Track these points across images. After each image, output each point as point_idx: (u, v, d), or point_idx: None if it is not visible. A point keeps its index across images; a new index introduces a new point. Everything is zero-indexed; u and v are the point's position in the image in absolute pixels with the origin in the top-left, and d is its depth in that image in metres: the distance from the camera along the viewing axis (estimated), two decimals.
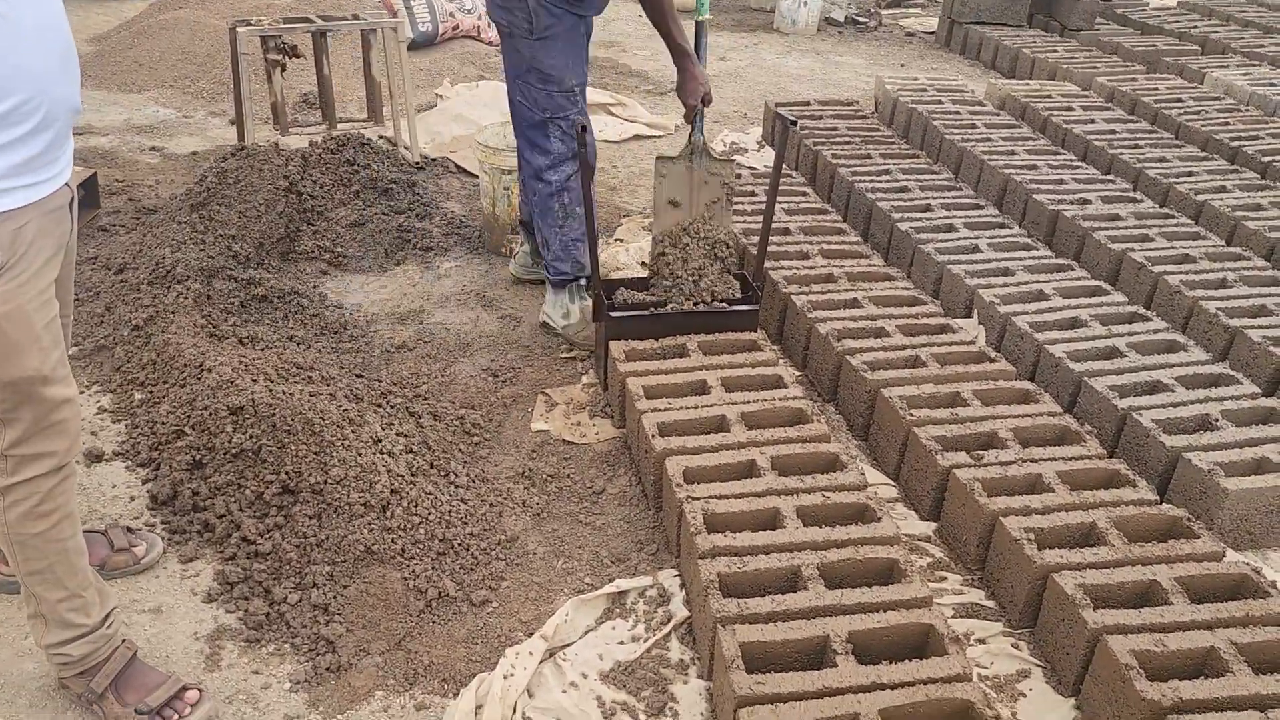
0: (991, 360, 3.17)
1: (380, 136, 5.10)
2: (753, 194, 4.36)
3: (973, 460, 2.70)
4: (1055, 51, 7.03)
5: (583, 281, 3.61)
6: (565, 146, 3.35)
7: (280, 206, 3.94)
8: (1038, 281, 3.70)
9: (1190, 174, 4.74)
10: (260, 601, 2.44)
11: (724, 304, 3.23)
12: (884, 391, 2.97)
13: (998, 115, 5.52)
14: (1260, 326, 3.40)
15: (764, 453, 2.68)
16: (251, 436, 2.74)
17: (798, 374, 3.43)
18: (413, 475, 2.75)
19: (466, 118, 5.30)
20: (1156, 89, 6.07)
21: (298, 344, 3.44)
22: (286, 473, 2.64)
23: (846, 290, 3.57)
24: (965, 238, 4.04)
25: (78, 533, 2.08)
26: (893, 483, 2.92)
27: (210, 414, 2.83)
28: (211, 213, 3.80)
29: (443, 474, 2.84)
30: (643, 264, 4.15)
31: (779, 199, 4.27)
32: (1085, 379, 3.10)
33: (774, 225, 4.04)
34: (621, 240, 4.34)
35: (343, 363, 3.41)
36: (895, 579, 2.32)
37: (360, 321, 3.70)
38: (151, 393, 3.09)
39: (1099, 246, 4.00)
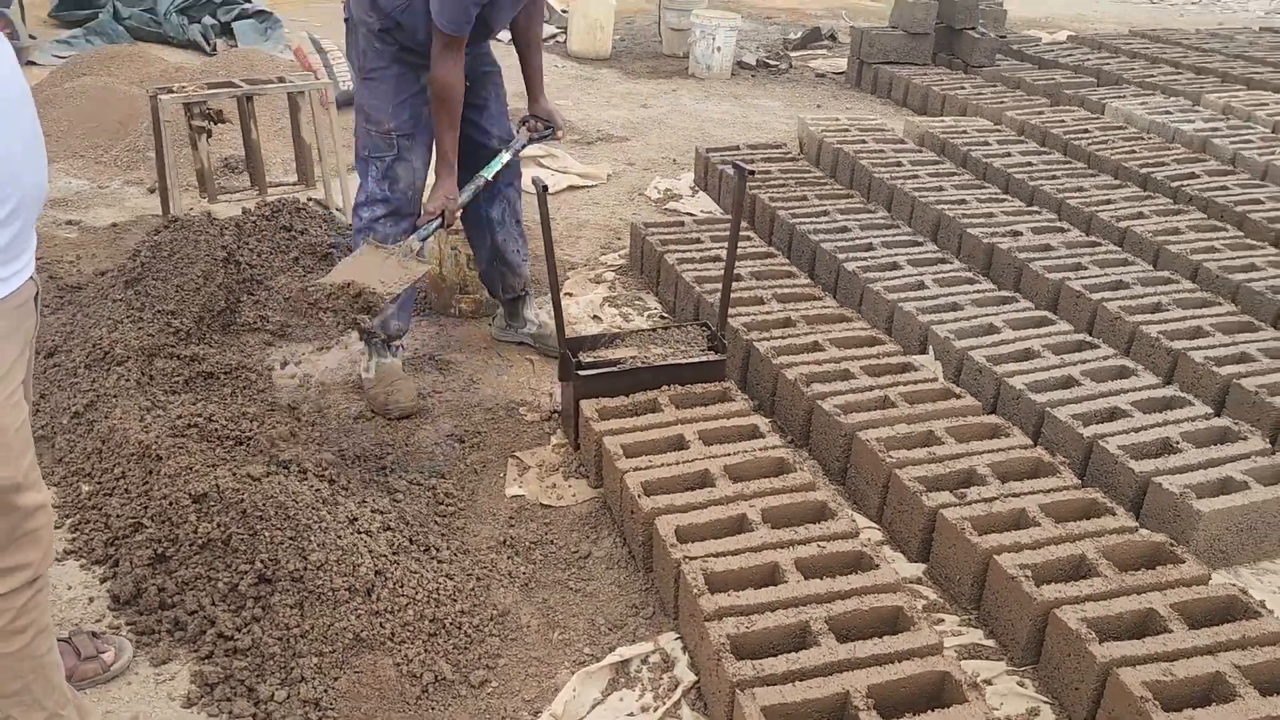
0: (957, 396, 3.22)
1: (310, 199, 4.98)
2: (698, 241, 4.38)
3: (957, 499, 2.72)
4: (963, 88, 7.28)
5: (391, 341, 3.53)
6: (377, 188, 3.36)
7: (219, 278, 3.80)
8: (986, 314, 3.78)
9: (1109, 201, 4.94)
10: (245, 702, 2.30)
11: (695, 356, 3.22)
12: (860, 435, 2.99)
13: (920, 152, 5.68)
14: (1200, 348, 3.53)
15: (753, 506, 2.66)
16: (219, 525, 2.60)
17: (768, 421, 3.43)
18: (394, 554, 2.65)
19: None
20: (1063, 121, 6.33)
21: (249, 421, 3.30)
22: (262, 561, 2.52)
23: (806, 334, 3.60)
24: (910, 274, 4.11)
25: (53, 647, 1.95)
26: (877, 525, 2.93)
27: (170, 503, 2.68)
28: (147, 288, 3.64)
29: (423, 549, 2.74)
30: (595, 318, 4.12)
31: (724, 245, 4.29)
32: (1048, 410, 3.17)
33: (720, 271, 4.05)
34: (570, 294, 4.31)
35: (300, 437, 3.28)
36: (902, 626, 2.31)
37: (312, 394, 3.57)
38: (100, 484, 2.92)
39: (1037, 277, 4.12)
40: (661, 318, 4.18)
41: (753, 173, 3.04)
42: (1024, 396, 3.25)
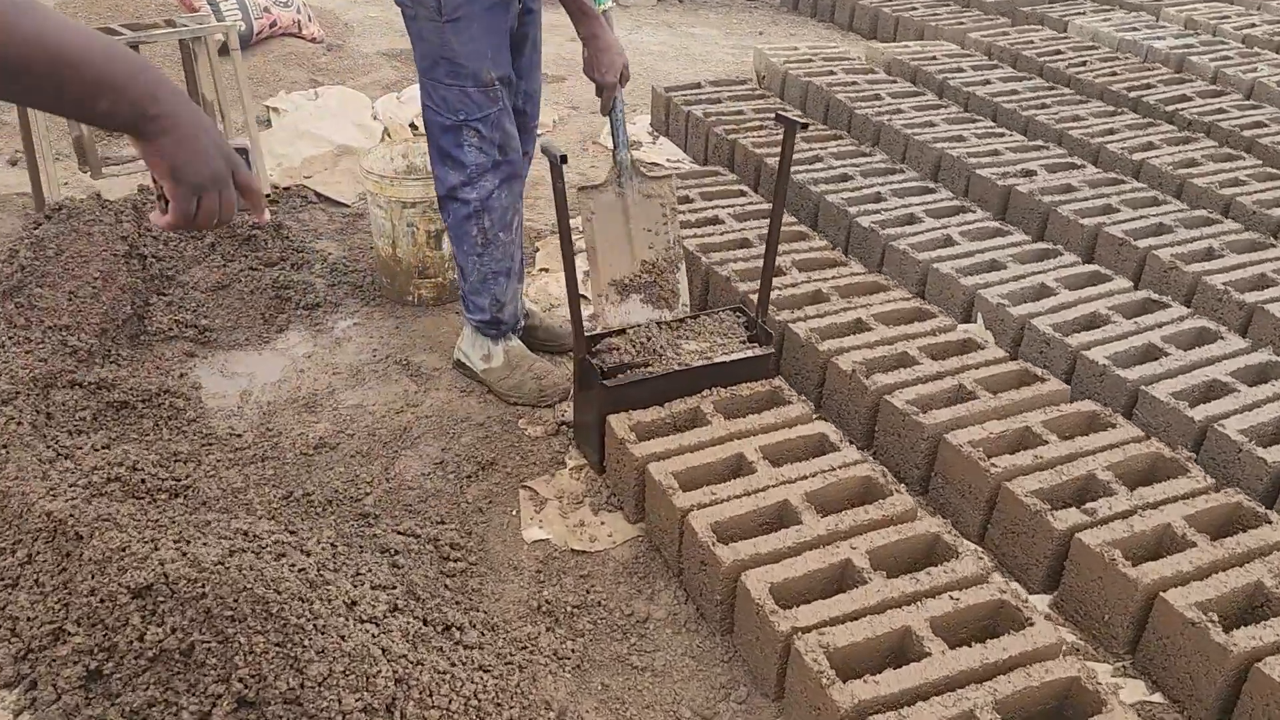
0: (1040, 379, 2.76)
1: None
2: (689, 199, 3.79)
3: (1087, 516, 2.27)
4: (915, 9, 6.78)
5: (515, 328, 3.00)
6: (485, 156, 2.70)
7: (121, 278, 3.06)
8: (1033, 273, 3.33)
9: (1111, 131, 4.53)
10: None
11: (738, 351, 2.67)
12: (949, 439, 2.50)
13: (894, 82, 5.17)
14: (1275, 299, 3.15)
15: (855, 548, 2.15)
16: (175, 629, 1.97)
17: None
18: (412, 646, 2.05)
19: (315, 135, 4.45)
20: (1032, 41, 5.91)
21: (183, 463, 2.63)
22: (241, 678, 1.90)
23: (844, 309, 3.08)
24: (933, 228, 3.63)
25: None
26: (977, 546, 2.47)
27: (103, 600, 2.03)
28: (32, 298, 2.88)
29: (444, 632, 2.16)
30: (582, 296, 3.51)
31: (723, 204, 3.73)
32: (1144, 389, 2.74)
33: (729, 236, 3.50)
34: (547, 269, 3.69)
35: (254, 479, 2.63)
36: (1083, 706, 1.85)
37: (255, 418, 2.90)
38: None
39: (1068, 223, 3.68)
40: None
41: (805, 125, 2.47)
42: (1109, 373, 2.81)
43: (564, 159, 2.26)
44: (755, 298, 2.82)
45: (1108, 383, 2.83)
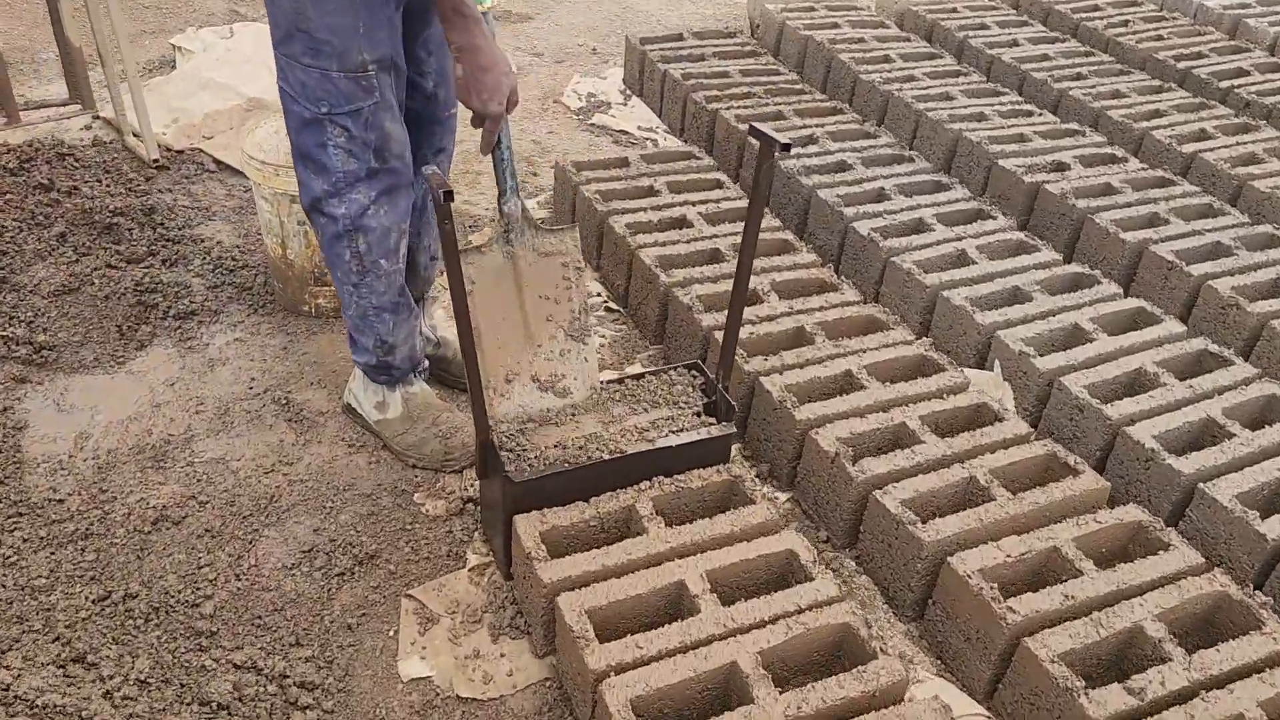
0: (1075, 472, 2.17)
1: (95, 119, 3.52)
2: (652, 191, 3.15)
3: (1134, 697, 1.71)
4: None
5: (415, 372, 2.40)
6: (355, 162, 2.06)
7: None
8: (1065, 308, 2.72)
9: (1158, 113, 3.87)
10: None
11: (688, 430, 2.07)
12: (955, 564, 1.93)
13: (908, 40, 4.47)
14: None
15: None
16: None
17: (778, 496, 2.34)
18: None
19: (222, 83, 3.76)
20: None
21: None
22: None
23: (831, 356, 2.47)
24: (944, 239, 3.00)
25: None
26: (986, 714, 1.91)
27: None
28: None
29: None
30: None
31: (694, 200, 3.09)
32: (1201, 486, 2.16)
33: (696, 246, 2.87)
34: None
35: (61, 569, 2.05)
36: None
37: (87, 474, 2.31)
38: None
39: (1106, 236, 3.06)
40: (608, 309, 2.99)
41: (787, 146, 1.85)
42: (1158, 462, 2.23)
43: (449, 195, 1.63)
44: (719, 336, 2.21)
45: (1155, 474, 2.25)
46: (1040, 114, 3.82)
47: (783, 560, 1.95)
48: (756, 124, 1.88)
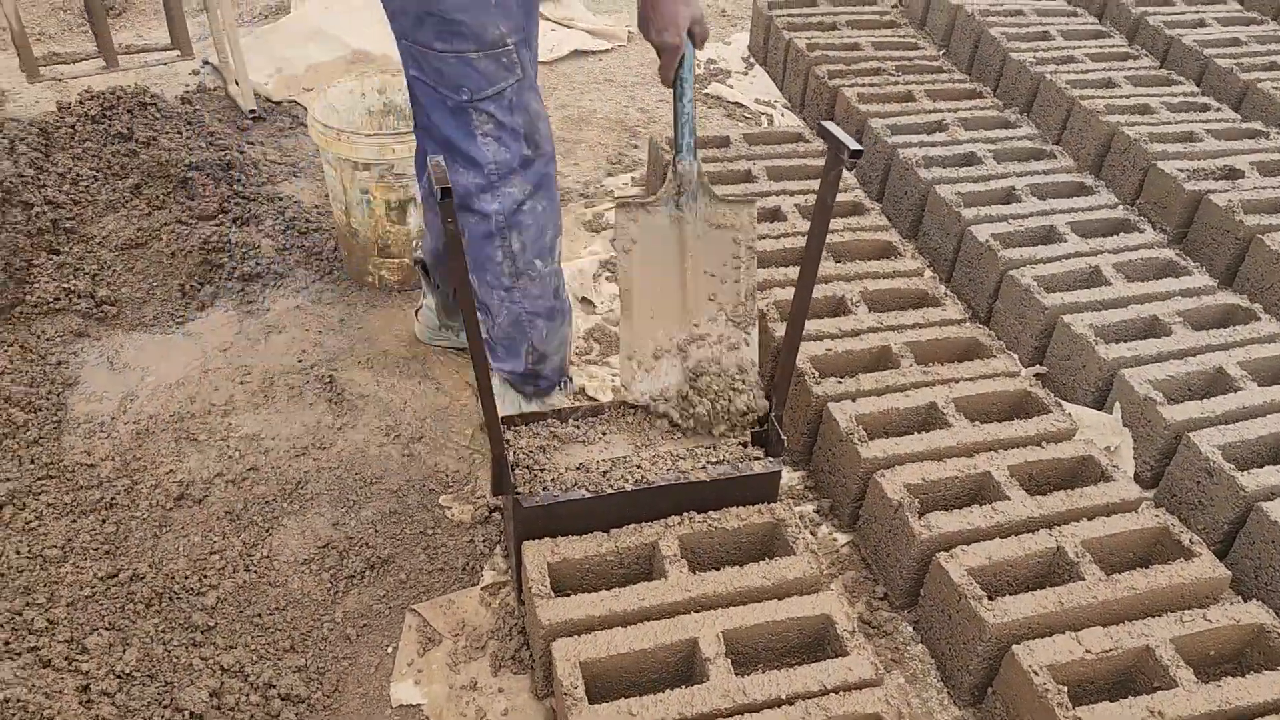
0: (1190, 553, 1.83)
1: (205, 64, 3.50)
2: (749, 176, 2.88)
3: None
4: None
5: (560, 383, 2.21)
6: (507, 151, 1.85)
7: None
8: (1214, 348, 2.33)
9: None
10: None
11: (728, 463, 1.84)
12: (1023, 658, 1.64)
13: (1075, 15, 3.99)
14: None
15: None
16: None
17: (839, 539, 2.08)
18: None
19: (329, 34, 3.67)
20: None
21: None
22: None
23: (916, 384, 2.18)
24: (1077, 252, 2.63)
25: None
26: None
27: None
28: None
29: None
30: (584, 301, 2.71)
31: (793, 189, 2.81)
32: None
33: (785, 243, 2.60)
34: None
35: (77, 538, 2.00)
36: None
37: (124, 439, 2.26)
38: None
39: (1277, 262, 2.62)
40: None
41: (858, 153, 1.57)
42: None
43: (446, 193, 1.43)
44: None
45: None
46: (1218, 109, 3.33)
47: (817, 626, 1.70)
48: (827, 123, 1.60)
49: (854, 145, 1.54)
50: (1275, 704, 1.61)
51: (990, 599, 1.73)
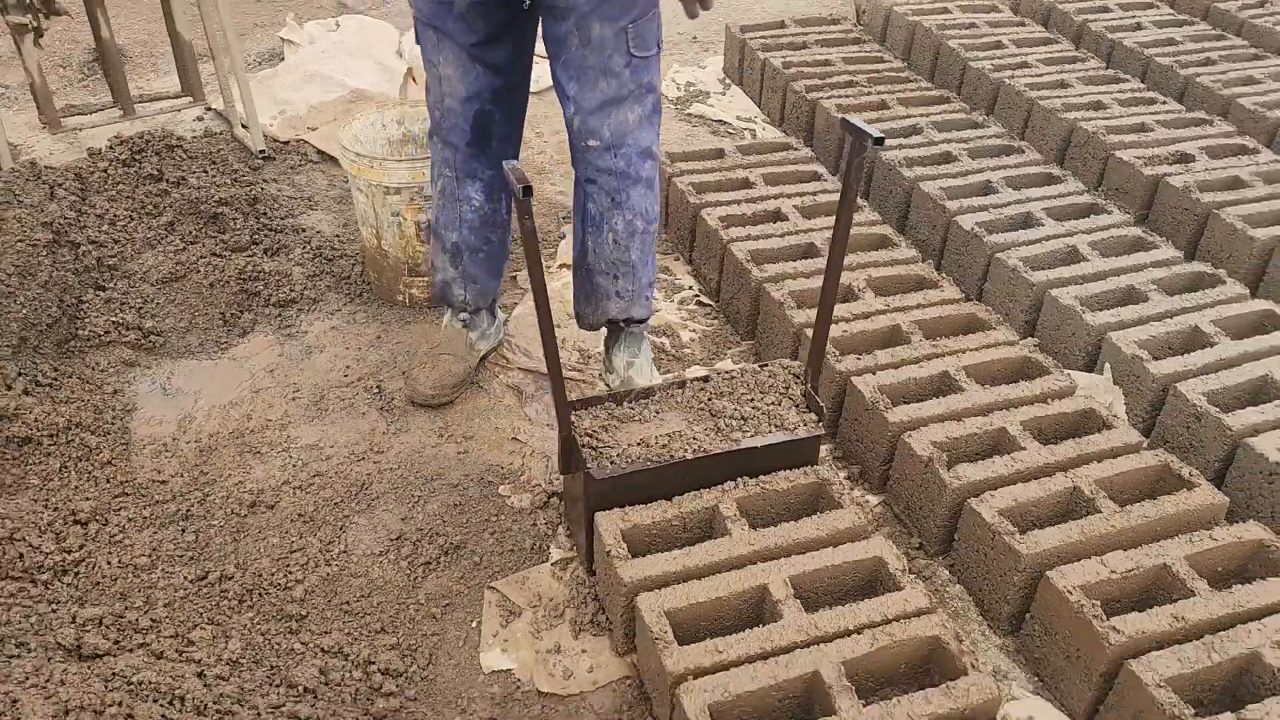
0: (1188, 484, 2.04)
1: (208, 110, 3.64)
2: (746, 183, 3.09)
3: None
4: None
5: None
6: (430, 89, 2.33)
7: (45, 273, 2.54)
8: (1187, 310, 2.57)
9: None
10: None
11: (773, 433, 2.02)
12: (1054, 578, 1.83)
13: (1023, 25, 4.29)
14: None
15: None
16: None
17: (869, 499, 2.27)
18: None
19: (326, 76, 3.84)
20: None
21: (82, 525, 2.13)
22: None
23: (928, 357, 2.38)
24: (1054, 234, 2.87)
25: None
26: None
27: None
28: None
29: None
30: None
31: (790, 192, 3.02)
32: None
33: (790, 241, 2.81)
34: (567, 265, 3.05)
35: (161, 548, 2.12)
36: None
37: (189, 456, 2.38)
38: None
39: (1233, 233, 2.87)
40: (699, 303, 2.94)
41: (881, 139, 1.78)
42: None
43: (528, 191, 1.61)
44: (811, 334, 2.15)
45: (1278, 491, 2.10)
46: (1164, 102, 3.62)
47: (870, 568, 1.88)
48: (849, 116, 1.81)
49: (876, 133, 1.75)
50: (1278, 605, 1.81)
51: (1021, 534, 1.93)
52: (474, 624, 2.02)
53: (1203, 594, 1.82)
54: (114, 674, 1.72)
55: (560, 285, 2.94)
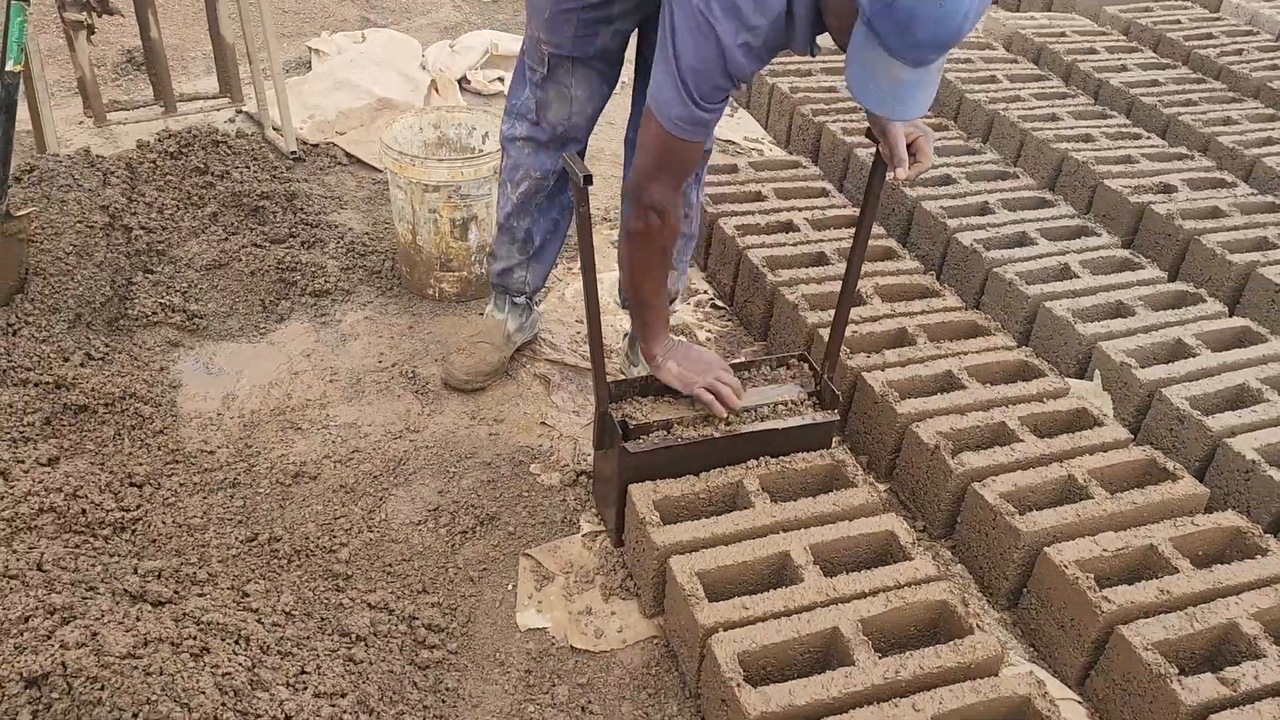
0: (1172, 476, 2.22)
1: (239, 113, 3.79)
2: (759, 196, 3.27)
3: (1227, 688, 1.76)
4: None
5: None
6: (527, 103, 2.44)
7: (100, 253, 2.68)
8: (1171, 324, 2.76)
9: (1270, 141, 3.86)
10: None
11: (794, 415, 2.18)
12: (1052, 554, 2.00)
13: (1016, 62, 4.52)
14: None
15: (918, 709, 1.68)
16: None
17: (877, 484, 2.43)
18: None
19: (354, 84, 4.00)
20: (1179, 21, 5.16)
21: (138, 487, 2.26)
22: None
23: (932, 357, 2.56)
24: (1047, 252, 3.06)
25: None
26: (1077, 699, 1.97)
27: None
28: None
29: None
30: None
31: (800, 206, 3.20)
32: None
33: (802, 249, 2.98)
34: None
35: (212, 511, 2.25)
36: None
37: (234, 430, 2.51)
38: None
39: (1213, 258, 3.08)
40: (714, 306, 3.11)
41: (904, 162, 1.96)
42: (1259, 474, 2.27)
43: (588, 180, 1.78)
44: (825, 334, 2.33)
45: (1256, 485, 2.28)
46: (1148, 137, 3.84)
47: (883, 540, 2.04)
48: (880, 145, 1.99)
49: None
50: (1254, 583, 1.98)
51: (1020, 514, 2.09)
52: (509, 587, 2.16)
53: (1186, 572, 1.99)
54: (184, 615, 1.84)
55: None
